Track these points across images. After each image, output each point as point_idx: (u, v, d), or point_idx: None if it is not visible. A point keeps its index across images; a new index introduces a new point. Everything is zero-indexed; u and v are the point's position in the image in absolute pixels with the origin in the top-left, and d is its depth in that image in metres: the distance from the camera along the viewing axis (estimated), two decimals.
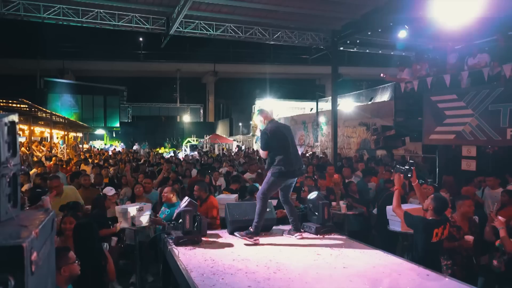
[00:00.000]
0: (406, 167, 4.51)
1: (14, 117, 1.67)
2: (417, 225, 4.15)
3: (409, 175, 4.49)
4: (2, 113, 1.62)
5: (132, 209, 5.87)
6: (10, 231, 1.41)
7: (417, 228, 4.16)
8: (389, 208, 6.08)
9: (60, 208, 5.10)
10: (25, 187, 7.38)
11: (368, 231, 7.23)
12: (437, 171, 9.24)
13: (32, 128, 19.49)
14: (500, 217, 4.15)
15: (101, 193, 6.25)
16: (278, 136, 4.62)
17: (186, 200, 4.81)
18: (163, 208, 5.84)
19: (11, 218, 1.58)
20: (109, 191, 6.22)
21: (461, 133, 8.06)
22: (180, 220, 4.41)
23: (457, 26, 9.07)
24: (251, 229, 4.49)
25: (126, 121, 43.63)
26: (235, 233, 4.61)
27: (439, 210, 4.11)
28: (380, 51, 17.29)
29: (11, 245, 1.28)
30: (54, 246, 1.83)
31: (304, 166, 5.17)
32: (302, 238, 4.60)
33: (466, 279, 3.44)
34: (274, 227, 5.04)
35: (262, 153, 4.72)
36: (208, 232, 4.77)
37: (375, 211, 6.93)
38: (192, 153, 23.10)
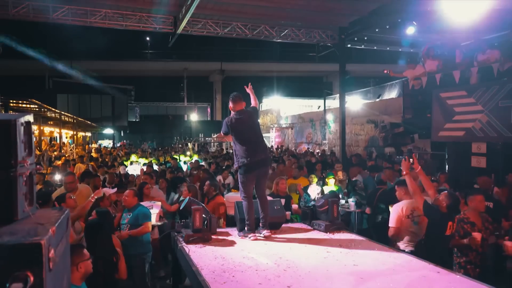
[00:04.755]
0: (406, 153, 4.50)
1: (30, 117, 1.70)
2: (434, 215, 4.08)
3: (411, 160, 4.44)
4: (18, 114, 1.65)
5: None
6: (27, 228, 1.44)
7: (433, 218, 4.09)
8: None
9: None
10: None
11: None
12: (446, 168, 9.17)
13: (41, 128, 19.68)
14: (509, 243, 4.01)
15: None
16: (239, 129, 4.61)
17: (186, 200, 4.82)
18: (124, 214, 5.27)
19: (28, 216, 1.61)
20: (108, 190, 6.12)
21: (471, 130, 7.99)
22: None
23: (466, 21, 8.99)
24: (246, 228, 4.58)
25: (134, 120, 43.86)
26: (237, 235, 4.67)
27: (451, 207, 4.08)
28: (388, 48, 17.15)
29: (30, 243, 1.31)
30: (69, 243, 1.86)
31: (270, 155, 5.18)
32: (270, 236, 4.52)
33: (480, 277, 3.39)
34: (283, 225, 5.06)
35: (221, 135, 4.80)
36: (218, 230, 4.80)
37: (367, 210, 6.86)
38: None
